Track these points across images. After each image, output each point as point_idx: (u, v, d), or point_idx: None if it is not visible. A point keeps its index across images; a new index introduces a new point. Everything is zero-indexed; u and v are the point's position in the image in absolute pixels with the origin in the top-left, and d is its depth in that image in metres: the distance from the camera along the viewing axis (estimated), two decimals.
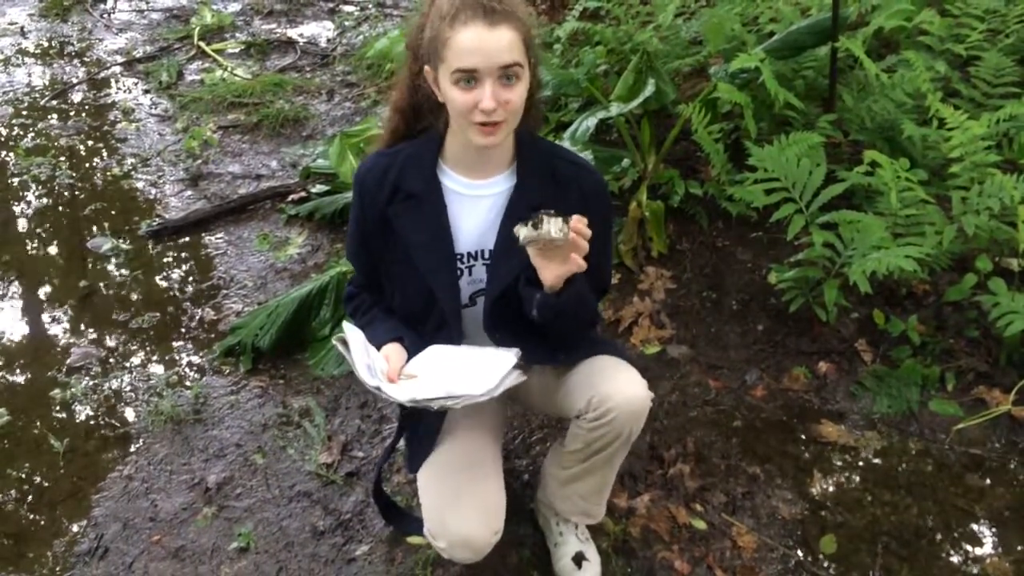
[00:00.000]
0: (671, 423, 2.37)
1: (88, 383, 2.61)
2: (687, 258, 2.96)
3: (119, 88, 4.70)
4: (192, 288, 3.05)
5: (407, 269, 1.68)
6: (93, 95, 4.62)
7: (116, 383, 2.61)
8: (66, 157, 3.96)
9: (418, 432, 1.79)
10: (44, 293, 3.09)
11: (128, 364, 2.69)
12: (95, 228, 3.42)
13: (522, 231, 1.45)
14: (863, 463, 2.27)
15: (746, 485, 2.19)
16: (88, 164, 3.93)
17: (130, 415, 2.49)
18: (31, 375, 2.69)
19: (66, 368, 2.68)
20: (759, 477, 2.21)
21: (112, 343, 2.80)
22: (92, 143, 4.11)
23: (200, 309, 2.93)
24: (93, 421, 2.48)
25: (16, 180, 3.79)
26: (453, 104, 1.51)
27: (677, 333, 2.67)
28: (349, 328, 1.67)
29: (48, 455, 2.36)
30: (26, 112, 4.44)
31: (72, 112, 4.44)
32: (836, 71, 3.03)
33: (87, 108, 4.48)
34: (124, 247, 3.28)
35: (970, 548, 2.03)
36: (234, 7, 5.74)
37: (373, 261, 1.74)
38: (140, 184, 3.72)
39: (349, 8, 5.66)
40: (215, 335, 2.79)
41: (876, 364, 2.51)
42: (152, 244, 3.30)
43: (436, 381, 1.59)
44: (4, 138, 4.18)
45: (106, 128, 4.24)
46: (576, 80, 3.13)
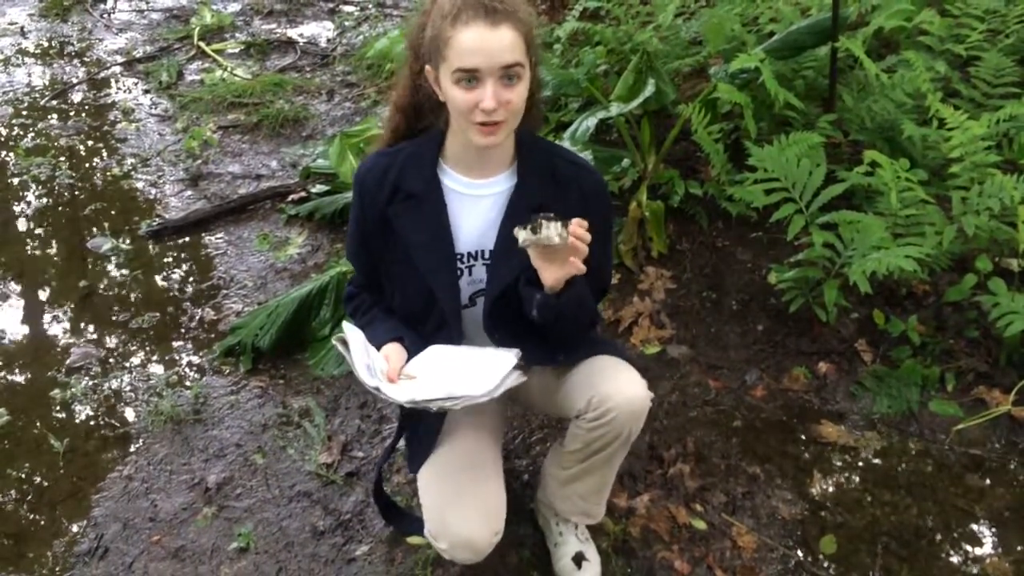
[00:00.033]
0: (671, 423, 2.37)
1: (88, 383, 2.61)
2: (687, 258, 2.96)
3: (119, 88, 4.69)
4: (192, 288, 3.05)
5: (407, 269, 1.68)
6: (93, 95, 4.62)
7: (116, 383, 2.61)
8: (66, 157, 3.95)
9: (418, 432, 1.79)
10: (44, 293, 3.09)
11: (128, 364, 2.69)
12: (95, 228, 3.42)
13: (521, 234, 1.45)
14: (863, 463, 2.27)
15: (746, 485, 2.19)
16: (88, 164, 3.93)
17: (130, 415, 2.49)
18: (31, 375, 2.69)
19: (66, 368, 2.68)
20: (759, 477, 2.21)
21: (112, 343, 2.80)
22: (92, 143, 4.11)
23: (200, 309, 2.93)
24: (93, 421, 2.48)
25: (16, 180, 3.79)
26: (454, 103, 1.51)
27: (677, 333, 2.67)
28: (349, 328, 1.67)
29: (48, 455, 2.36)
30: (26, 112, 4.44)
31: (72, 112, 4.43)
32: (836, 71, 3.03)
33: (87, 108, 4.48)
34: (124, 247, 3.28)
35: (970, 548, 2.03)
36: (234, 7, 5.74)
37: (373, 261, 1.74)
38: (140, 184, 3.72)
39: (349, 8, 5.66)
40: (215, 335, 2.79)
41: (876, 364, 2.51)
42: (152, 244, 3.30)
43: (436, 382, 1.58)
44: (4, 138, 4.18)
45: (106, 128, 4.24)
46: (576, 80, 3.13)
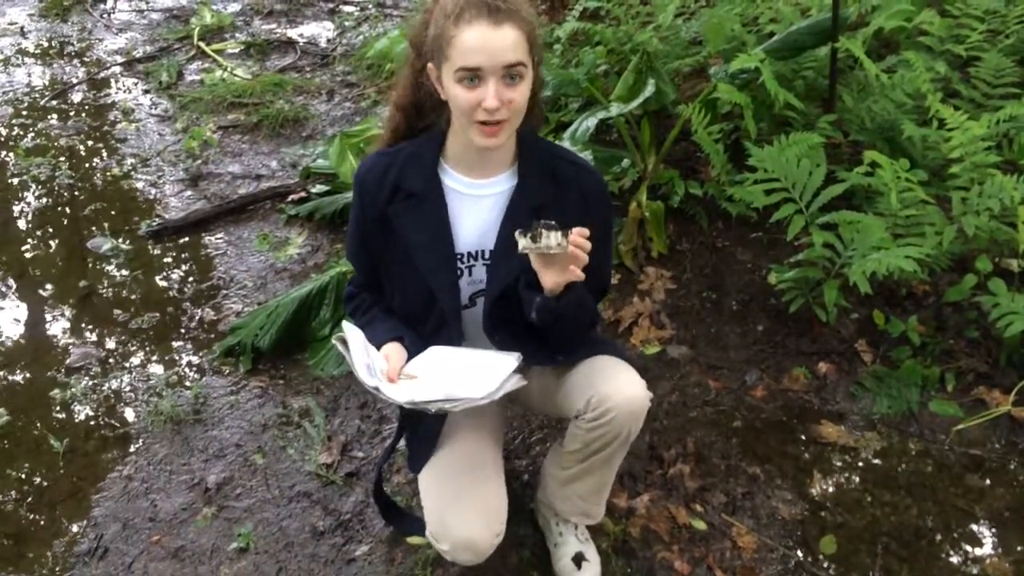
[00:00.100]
0: (671, 423, 2.37)
1: (88, 383, 2.61)
2: (687, 258, 2.96)
3: (119, 88, 4.69)
4: (192, 288, 3.05)
5: (407, 269, 1.68)
6: (93, 95, 4.62)
7: (116, 383, 2.61)
8: (66, 157, 3.95)
9: (418, 433, 1.79)
10: (44, 293, 3.09)
11: (128, 364, 2.69)
12: (95, 228, 3.42)
13: (521, 241, 1.45)
14: (863, 464, 2.26)
15: (746, 485, 2.19)
16: (88, 164, 3.92)
17: (130, 415, 2.49)
18: (31, 375, 2.68)
19: (66, 368, 2.68)
20: (759, 477, 2.21)
21: (112, 343, 2.80)
22: (92, 143, 4.11)
23: (200, 309, 2.93)
24: (93, 421, 2.48)
25: (16, 180, 3.78)
26: (456, 102, 1.51)
27: (677, 333, 2.67)
28: (349, 327, 1.67)
29: (48, 455, 2.36)
30: (26, 112, 4.44)
31: (72, 112, 4.43)
32: (836, 71, 3.03)
33: (87, 108, 4.48)
34: (124, 247, 3.28)
35: (970, 548, 2.03)
36: (234, 7, 5.74)
37: (373, 261, 1.74)
38: (140, 184, 3.72)
39: (349, 8, 5.66)
40: (215, 335, 2.79)
41: (876, 365, 2.51)
42: (152, 244, 3.30)
43: (436, 383, 1.58)
44: (4, 138, 4.17)
45: (106, 128, 4.24)
46: (576, 80, 3.13)
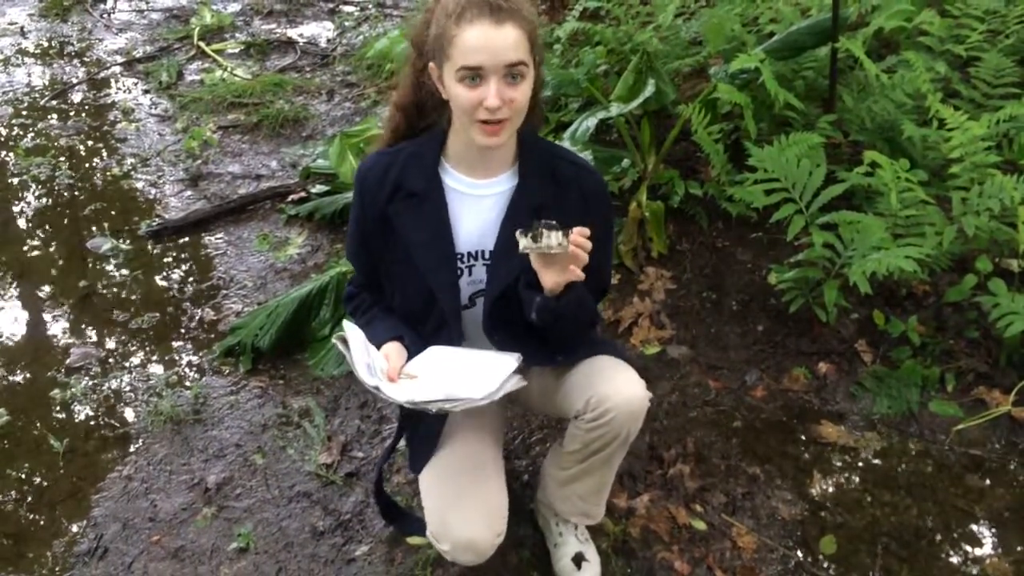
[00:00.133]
0: (671, 423, 2.37)
1: (88, 383, 2.61)
2: (687, 258, 2.95)
3: (119, 88, 4.69)
4: (192, 288, 3.05)
5: (407, 268, 1.68)
6: (93, 95, 4.62)
7: (116, 383, 2.61)
8: (66, 157, 3.95)
9: (419, 433, 1.79)
10: (44, 293, 3.08)
11: (128, 364, 2.69)
12: (95, 228, 3.42)
13: (522, 241, 1.45)
14: (863, 464, 2.26)
15: (746, 485, 2.19)
16: (88, 164, 3.92)
17: (130, 415, 2.49)
18: (31, 375, 2.68)
19: (66, 368, 2.68)
20: (759, 477, 2.21)
21: (112, 343, 2.80)
22: (92, 143, 4.11)
23: (200, 309, 2.93)
24: (93, 421, 2.48)
25: (16, 180, 3.78)
26: (457, 102, 1.51)
27: (677, 333, 2.67)
28: (349, 327, 1.67)
29: (48, 455, 2.36)
30: (26, 112, 4.44)
31: (72, 112, 4.43)
32: (836, 71, 3.03)
33: (87, 108, 4.48)
34: (124, 247, 3.28)
35: (970, 549, 2.03)
36: (234, 7, 5.74)
37: (373, 261, 1.74)
38: (140, 184, 3.72)
39: (349, 8, 5.66)
40: (215, 335, 2.79)
41: (876, 365, 2.51)
42: (152, 244, 3.30)
43: (436, 383, 1.58)
44: (4, 138, 4.17)
45: (106, 128, 4.24)
46: (576, 80, 3.12)
